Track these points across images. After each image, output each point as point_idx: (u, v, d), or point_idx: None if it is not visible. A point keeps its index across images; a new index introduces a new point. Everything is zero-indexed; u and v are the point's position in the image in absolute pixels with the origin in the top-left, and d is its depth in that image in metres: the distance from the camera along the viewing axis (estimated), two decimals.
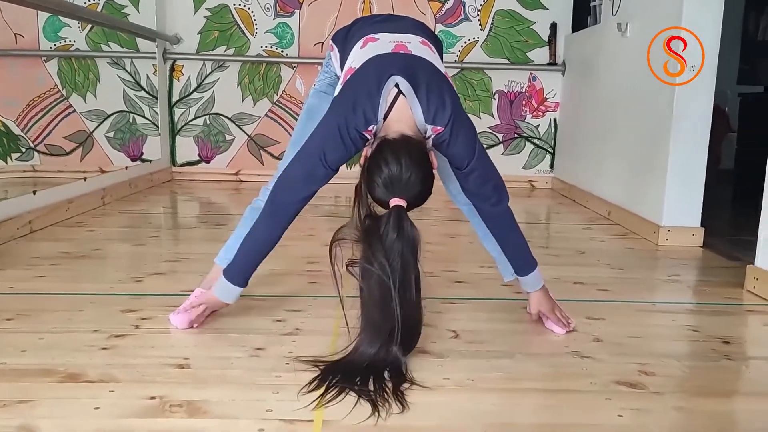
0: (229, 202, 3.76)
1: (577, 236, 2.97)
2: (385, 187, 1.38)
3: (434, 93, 1.45)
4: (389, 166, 1.37)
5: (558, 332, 1.66)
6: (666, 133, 2.74)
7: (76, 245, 2.47)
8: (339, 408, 1.21)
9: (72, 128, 4.36)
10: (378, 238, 1.34)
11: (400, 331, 1.32)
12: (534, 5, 4.30)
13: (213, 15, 4.28)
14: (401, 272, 1.32)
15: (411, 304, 1.35)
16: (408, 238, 1.34)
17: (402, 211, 1.37)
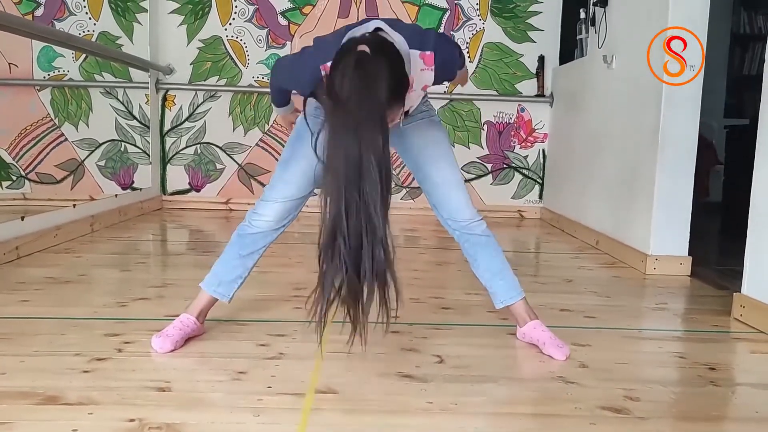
0: (218, 230, 3.76)
1: (565, 265, 2.98)
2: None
3: (416, 29, 1.49)
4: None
5: (558, 358, 1.64)
6: (652, 162, 2.78)
7: (62, 271, 2.46)
8: None
9: (63, 157, 4.37)
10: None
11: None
12: (522, 38, 4.38)
13: (206, 46, 4.34)
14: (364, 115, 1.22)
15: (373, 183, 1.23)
16: (370, 73, 1.24)
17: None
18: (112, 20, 4.29)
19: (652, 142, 2.77)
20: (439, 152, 1.71)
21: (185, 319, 1.70)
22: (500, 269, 1.77)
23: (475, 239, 1.74)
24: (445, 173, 1.70)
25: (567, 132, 4.09)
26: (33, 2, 4.26)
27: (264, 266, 2.66)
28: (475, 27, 4.36)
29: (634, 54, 3.05)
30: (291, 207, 1.66)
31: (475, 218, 1.73)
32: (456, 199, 1.70)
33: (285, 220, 1.68)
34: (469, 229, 1.72)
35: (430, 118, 1.75)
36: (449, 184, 1.70)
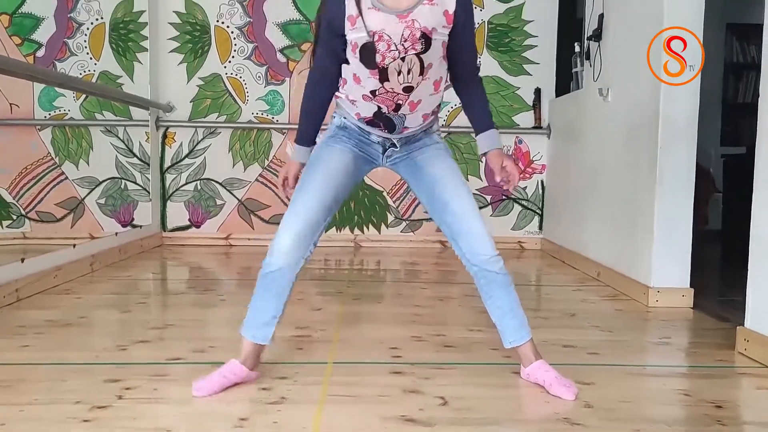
0: (218, 266, 3.75)
1: (566, 298, 2.97)
2: None
3: None
4: None
5: (567, 398, 1.62)
6: (650, 194, 2.79)
7: (62, 313, 2.45)
8: None
9: (64, 195, 4.38)
10: None
11: None
12: (518, 71, 4.43)
13: (205, 84, 4.38)
14: None
15: None
16: None
17: None
18: (113, 60, 4.34)
19: (650, 175, 2.79)
20: (456, 181, 1.73)
21: (233, 365, 1.68)
22: (512, 308, 1.76)
23: (492, 276, 1.72)
24: (465, 202, 1.71)
25: (565, 163, 4.12)
26: (34, 43, 4.31)
27: None
28: None
29: (629, 87, 3.08)
30: (304, 239, 1.66)
31: (495, 254, 1.71)
32: (477, 230, 1.70)
33: (301, 254, 1.67)
34: (488, 266, 1.70)
35: (444, 149, 1.79)
36: (470, 214, 1.70)
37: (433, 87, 1.65)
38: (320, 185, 1.68)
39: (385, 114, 1.67)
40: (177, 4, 4.35)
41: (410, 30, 1.53)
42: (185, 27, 4.37)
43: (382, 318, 2.49)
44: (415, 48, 1.54)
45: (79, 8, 4.33)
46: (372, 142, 1.76)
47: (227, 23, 4.37)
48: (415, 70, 1.57)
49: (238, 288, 3.05)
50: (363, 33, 1.53)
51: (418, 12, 1.52)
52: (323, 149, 1.76)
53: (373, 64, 1.57)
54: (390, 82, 1.59)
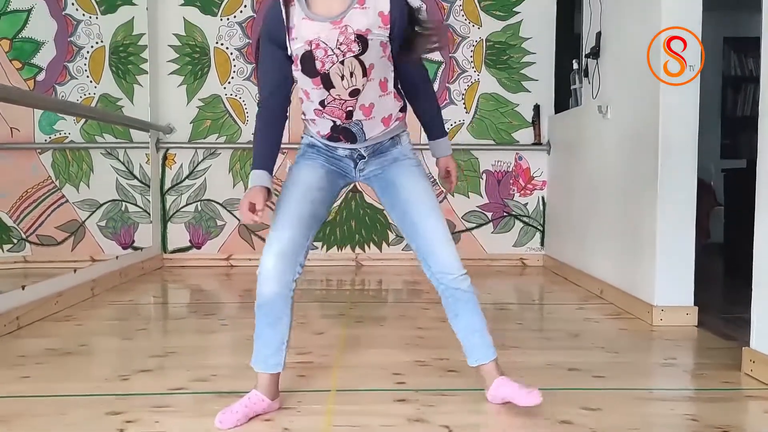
0: (219, 289, 3.74)
1: (570, 317, 2.95)
2: None
3: None
4: None
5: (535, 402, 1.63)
6: (652, 212, 2.78)
7: (62, 341, 2.43)
8: None
9: (64, 218, 4.37)
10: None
11: None
12: (516, 88, 4.44)
13: (205, 105, 4.39)
14: None
15: None
16: None
17: None
18: (113, 83, 4.35)
19: (651, 193, 2.78)
20: (429, 204, 1.75)
21: (254, 396, 1.68)
22: (479, 327, 1.79)
23: (460, 294, 1.75)
24: (435, 223, 1.74)
25: (565, 179, 4.11)
26: (35, 68, 4.33)
27: None
28: (471, 78, 4.43)
29: (628, 104, 3.08)
30: (288, 262, 1.64)
31: (462, 272, 1.74)
32: (446, 252, 1.73)
33: (289, 276, 1.65)
34: (456, 284, 1.74)
35: (417, 166, 1.79)
36: (440, 236, 1.73)
37: (380, 88, 1.65)
38: (295, 205, 1.69)
39: (341, 126, 1.68)
40: (176, 26, 4.37)
41: (344, 35, 1.55)
42: (185, 49, 4.38)
43: (385, 341, 2.48)
44: (352, 50, 1.57)
45: (79, 32, 4.35)
46: (341, 157, 1.77)
47: (226, 45, 4.38)
48: (357, 72, 1.59)
49: (239, 312, 3.03)
50: (300, 44, 1.57)
51: (349, 17, 1.56)
52: (294, 170, 1.77)
53: (314, 71, 1.59)
54: (335, 89, 1.61)
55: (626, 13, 3.11)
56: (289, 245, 1.64)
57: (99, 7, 4.34)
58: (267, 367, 1.69)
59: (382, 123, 1.71)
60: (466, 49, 4.41)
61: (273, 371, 1.69)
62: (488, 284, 3.86)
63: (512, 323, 2.83)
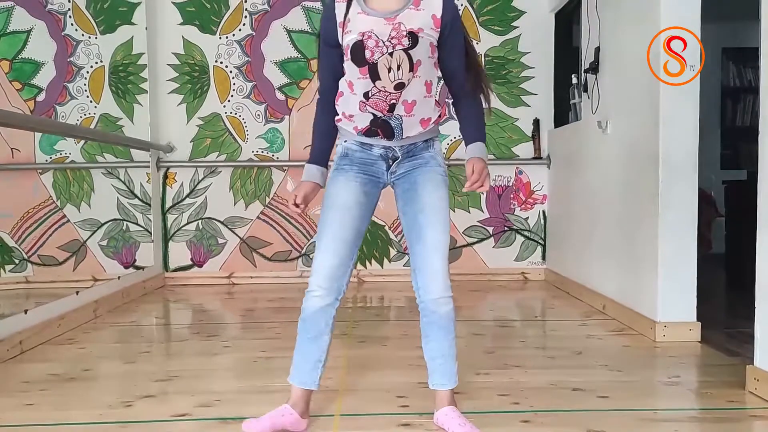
0: (222, 309, 3.74)
1: (573, 334, 2.94)
2: None
3: None
4: None
5: None
6: (653, 228, 2.78)
7: (66, 366, 2.43)
8: None
9: (66, 238, 4.37)
10: None
11: None
12: (516, 103, 4.46)
13: (205, 123, 4.41)
14: None
15: None
16: None
17: None
18: (112, 102, 4.36)
19: (653, 209, 2.78)
20: (440, 215, 1.76)
21: (283, 409, 1.74)
22: (446, 353, 1.81)
23: (436, 318, 1.77)
24: (438, 237, 1.75)
25: (566, 193, 4.12)
26: (35, 88, 4.35)
27: (268, 349, 2.66)
28: None
29: (628, 120, 3.09)
30: (335, 280, 1.74)
31: (446, 295, 1.76)
32: (436, 268, 1.74)
33: (334, 294, 1.75)
34: (435, 306, 1.76)
35: (443, 174, 1.81)
36: (437, 251, 1.75)
37: (425, 88, 1.69)
38: (338, 228, 1.74)
39: (381, 119, 1.71)
40: (175, 45, 4.40)
41: (396, 30, 1.63)
42: (184, 68, 4.41)
43: (388, 362, 2.47)
44: (402, 44, 1.63)
45: (78, 52, 4.37)
46: (375, 160, 1.78)
47: (226, 63, 4.40)
48: (404, 66, 1.64)
49: (242, 332, 3.03)
50: (354, 35, 1.64)
51: (404, 15, 1.63)
52: (331, 188, 1.80)
53: (363, 60, 1.64)
54: (381, 80, 1.65)
55: (624, 28, 3.13)
56: (334, 268, 1.73)
57: (98, 27, 4.37)
58: (302, 382, 1.77)
59: (421, 124, 1.74)
60: None
61: (309, 387, 1.77)
62: (490, 299, 3.86)
63: (515, 341, 2.82)
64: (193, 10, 4.40)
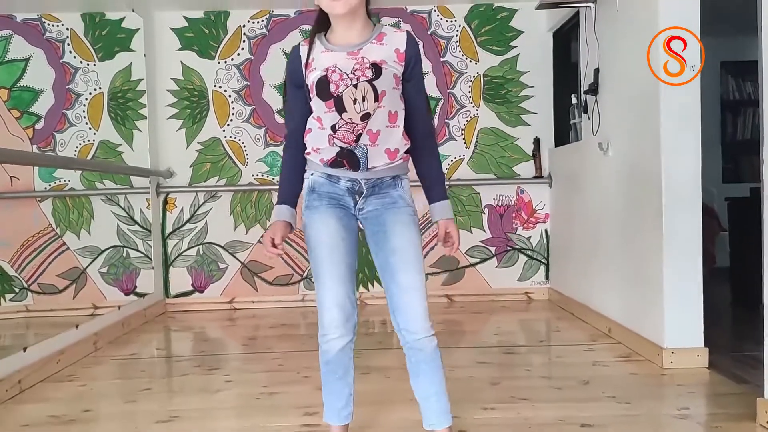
0: (224, 336, 3.71)
1: (579, 360, 2.90)
2: None
3: None
4: None
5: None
6: (658, 253, 2.75)
7: (66, 406, 2.40)
8: None
9: (65, 266, 4.35)
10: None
11: None
12: (516, 122, 4.44)
13: (205, 148, 4.40)
14: None
15: None
16: None
17: None
18: (112, 129, 4.35)
19: (656, 234, 2.75)
20: (413, 258, 1.73)
21: None
22: (438, 392, 1.78)
23: (422, 356, 1.75)
24: (413, 277, 1.71)
25: (568, 213, 4.09)
26: (33, 116, 4.33)
27: (270, 384, 2.62)
28: (469, 114, 4.43)
29: (629, 143, 3.07)
30: (344, 315, 1.72)
31: (429, 333, 1.73)
32: (416, 307, 1.72)
33: (350, 327, 1.74)
34: (420, 345, 1.73)
35: (412, 215, 1.77)
36: (414, 291, 1.71)
37: (389, 118, 1.68)
38: (330, 265, 1.72)
39: (347, 149, 1.69)
40: (174, 70, 4.39)
41: (360, 63, 1.65)
42: (183, 93, 4.40)
43: (392, 397, 2.43)
44: (366, 75, 1.64)
45: (77, 79, 4.36)
46: (342, 194, 1.75)
47: (224, 87, 4.40)
48: (369, 97, 1.65)
49: (244, 364, 3.00)
50: (318, 72, 1.66)
51: (366, 49, 1.66)
52: (310, 228, 1.76)
53: (328, 94, 1.66)
54: (347, 112, 1.66)
55: (623, 49, 3.11)
56: (342, 308, 1.72)
57: (97, 55, 4.36)
58: (340, 419, 1.83)
59: (386, 154, 1.71)
60: (464, 85, 4.42)
61: (345, 422, 1.84)
62: (494, 322, 3.83)
63: (521, 370, 2.79)
64: (192, 36, 4.40)
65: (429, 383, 1.77)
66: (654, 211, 2.77)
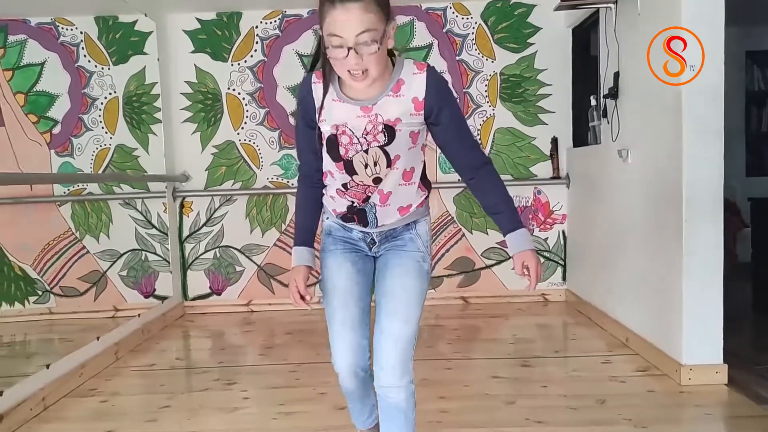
0: (241, 342, 3.75)
1: (596, 375, 2.89)
2: None
3: None
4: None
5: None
6: (678, 267, 2.71)
7: (88, 427, 2.45)
8: None
9: (86, 269, 4.40)
10: None
11: None
12: (533, 121, 4.38)
13: (219, 152, 4.40)
14: None
15: None
16: None
17: None
18: (127, 133, 4.37)
19: (676, 247, 2.71)
20: (402, 304, 1.64)
21: None
22: None
23: (388, 404, 1.65)
24: (395, 326, 1.62)
25: (587, 215, 4.05)
26: (50, 120, 4.36)
27: (287, 401, 2.65)
28: (485, 113, 4.37)
29: (650, 152, 3.01)
30: (356, 361, 1.69)
31: (397, 385, 1.62)
32: (389, 356, 1.61)
33: (362, 370, 1.71)
34: (387, 393, 1.64)
35: (419, 261, 1.69)
36: (392, 340, 1.61)
37: (403, 177, 1.62)
38: (344, 311, 1.68)
39: (358, 207, 1.66)
40: (188, 73, 4.38)
41: (372, 124, 1.53)
42: (197, 96, 4.39)
43: None
44: (378, 140, 1.54)
45: (92, 84, 4.37)
46: (356, 241, 1.73)
47: (238, 90, 4.38)
48: (381, 162, 1.57)
49: (261, 378, 3.01)
50: (328, 126, 1.56)
51: (381, 104, 1.52)
52: (325, 270, 1.74)
53: (338, 156, 1.58)
54: (358, 175, 1.60)
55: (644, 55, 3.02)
56: (353, 351, 1.69)
57: (111, 58, 4.36)
58: (366, 425, 1.94)
59: (398, 212, 1.68)
60: (480, 84, 4.36)
61: (372, 425, 1.94)
62: (510, 327, 3.82)
63: (537, 386, 2.78)
64: (205, 38, 4.37)
65: None
66: (675, 224, 2.73)
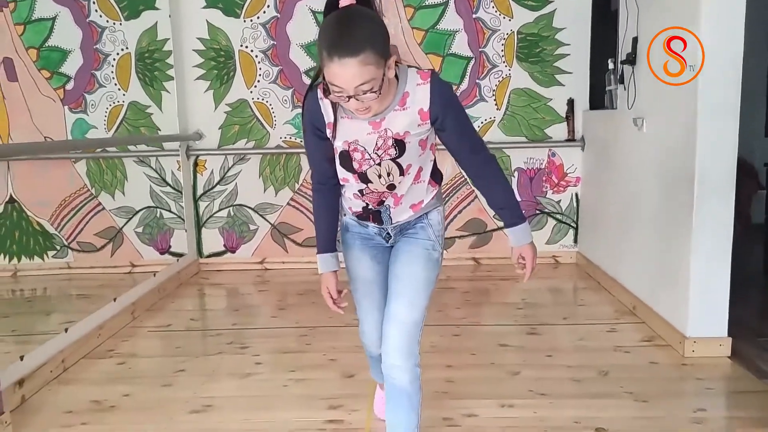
0: (255, 303, 3.83)
1: (601, 344, 2.94)
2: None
3: None
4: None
5: None
6: (686, 242, 2.71)
7: (106, 389, 2.54)
8: None
9: (102, 225, 4.49)
10: None
11: None
12: (549, 82, 4.30)
13: (233, 110, 4.38)
14: None
15: None
16: None
17: None
18: (140, 90, 4.36)
19: (686, 221, 2.71)
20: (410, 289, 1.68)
21: None
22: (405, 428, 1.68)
23: (393, 386, 1.67)
24: (401, 311, 1.66)
25: (600, 180, 4.02)
26: (63, 76, 4.36)
27: (298, 368, 2.73)
28: (501, 74, 4.30)
29: (665, 122, 2.96)
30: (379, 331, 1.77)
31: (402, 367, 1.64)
32: (394, 340, 1.65)
33: None
34: (392, 374, 1.66)
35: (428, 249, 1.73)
36: (397, 323, 1.65)
37: (414, 179, 1.68)
38: (368, 299, 1.82)
39: (372, 209, 1.72)
40: (200, 30, 4.32)
41: (383, 139, 1.57)
42: (209, 53, 4.35)
43: None
44: (389, 154, 1.59)
45: (104, 39, 4.34)
46: (373, 235, 1.80)
47: (251, 47, 4.33)
48: (394, 171, 1.63)
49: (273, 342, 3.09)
50: (339, 142, 1.59)
51: (390, 119, 1.54)
52: (347, 260, 1.84)
53: (352, 169, 1.64)
54: (373, 184, 1.65)
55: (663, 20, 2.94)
56: (378, 327, 1.78)
57: (122, 13, 4.31)
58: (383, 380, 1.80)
59: (411, 209, 1.73)
60: (496, 43, 4.27)
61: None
62: (520, 290, 3.86)
63: (542, 355, 2.83)
64: None
65: (394, 416, 1.69)
66: (686, 199, 2.71)
